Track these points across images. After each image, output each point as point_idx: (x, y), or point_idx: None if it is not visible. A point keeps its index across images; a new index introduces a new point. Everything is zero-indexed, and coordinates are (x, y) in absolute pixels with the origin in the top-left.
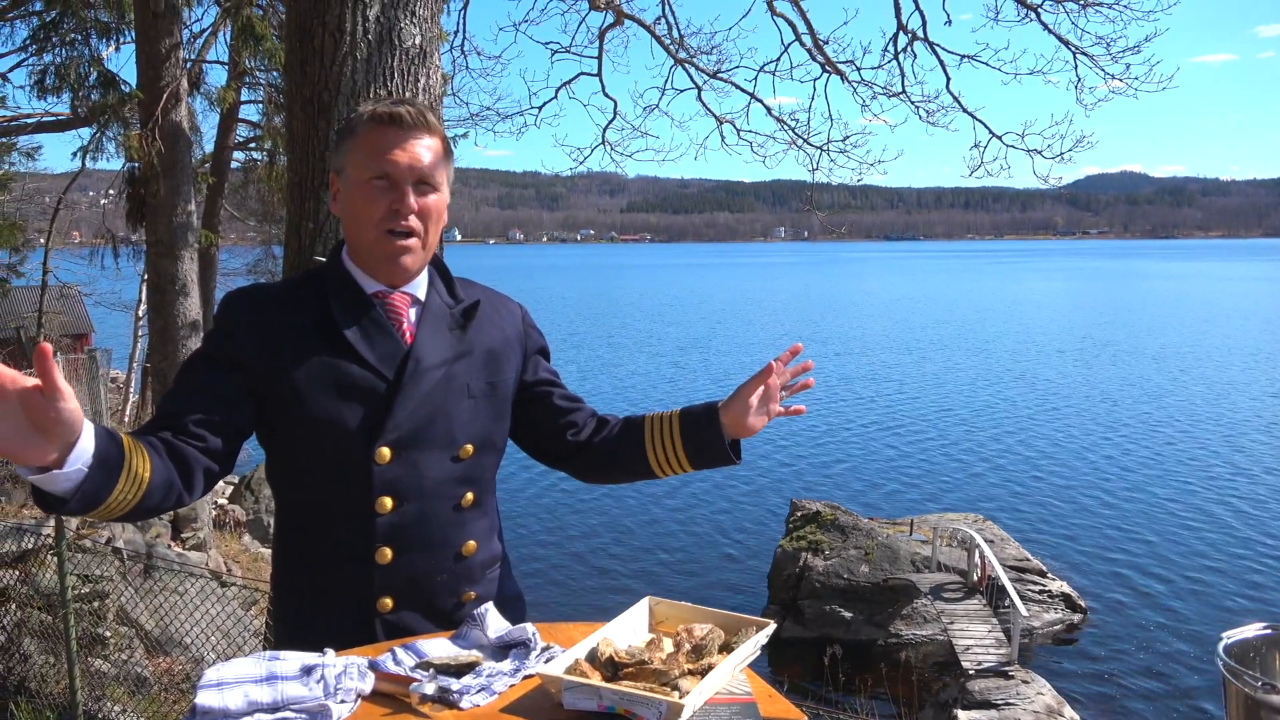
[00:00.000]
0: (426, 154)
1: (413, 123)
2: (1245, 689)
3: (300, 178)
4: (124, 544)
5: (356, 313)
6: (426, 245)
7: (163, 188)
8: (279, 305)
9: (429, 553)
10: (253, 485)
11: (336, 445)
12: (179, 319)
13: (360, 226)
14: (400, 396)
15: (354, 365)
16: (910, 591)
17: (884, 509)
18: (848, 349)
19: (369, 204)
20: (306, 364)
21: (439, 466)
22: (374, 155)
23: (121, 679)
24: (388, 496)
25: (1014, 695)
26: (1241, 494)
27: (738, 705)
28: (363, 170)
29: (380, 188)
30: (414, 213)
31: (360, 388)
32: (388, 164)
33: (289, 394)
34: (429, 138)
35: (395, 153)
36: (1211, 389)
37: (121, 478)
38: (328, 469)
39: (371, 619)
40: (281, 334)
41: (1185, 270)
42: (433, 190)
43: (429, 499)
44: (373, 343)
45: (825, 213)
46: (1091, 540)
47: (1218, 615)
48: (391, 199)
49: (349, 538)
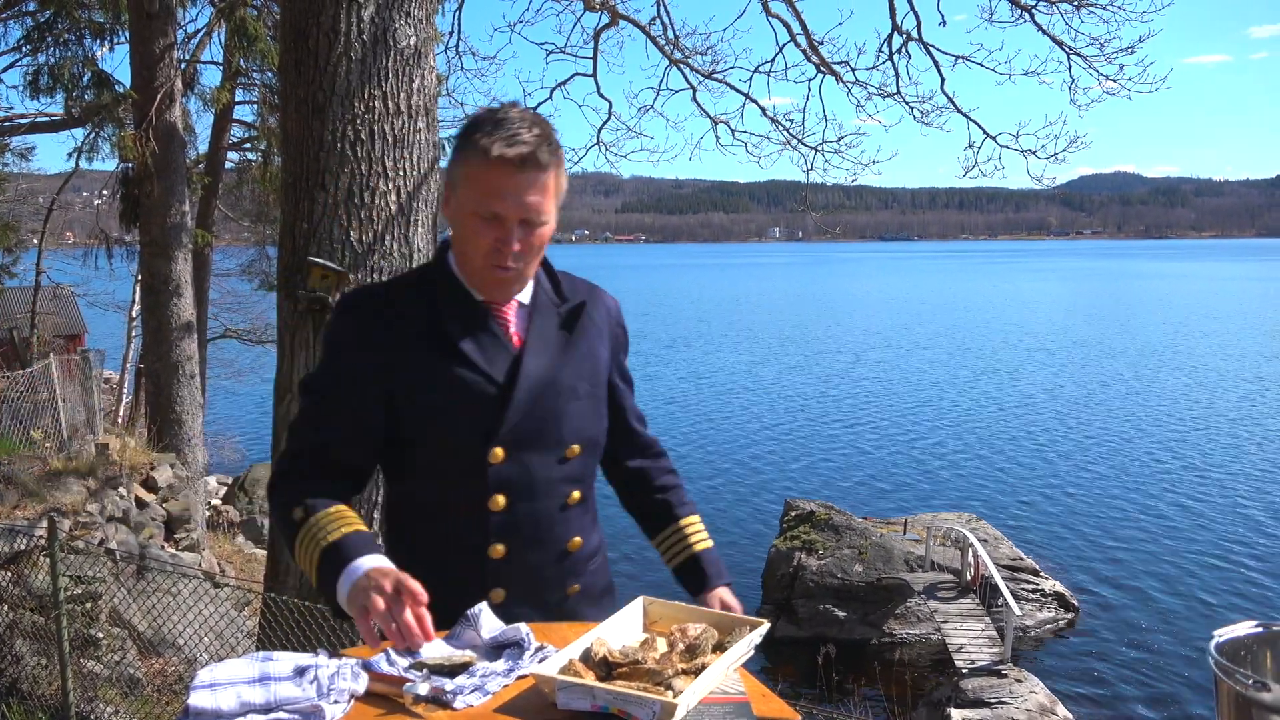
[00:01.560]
0: (538, 194)
1: (528, 163)
2: (1236, 687)
3: (295, 178)
4: (117, 545)
5: (468, 321)
6: (528, 272)
7: (157, 188)
8: (396, 312)
9: (538, 548)
10: (246, 486)
11: (453, 446)
12: (173, 319)
13: (466, 252)
14: (512, 400)
15: (468, 371)
16: (904, 591)
17: (878, 508)
18: (842, 349)
19: (475, 236)
20: (425, 370)
21: (548, 467)
22: (485, 195)
23: (114, 680)
24: (501, 494)
25: (1007, 694)
26: (1233, 493)
27: (731, 705)
28: (472, 203)
29: (488, 223)
30: (518, 253)
31: (474, 392)
32: (497, 205)
33: (408, 397)
34: (542, 175)
35: (506, 197)
36: (1204, 389)
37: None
38: (444, 468)
39: None
40: (400, 340)
41: (1178, 270)
42: (540, 226)
43: (539, 497)
44: (484, 350)
45: (820, 213)
46: (1084, 540)
47: (1210, 614)
48: (498, 235)
49: (464, 533)
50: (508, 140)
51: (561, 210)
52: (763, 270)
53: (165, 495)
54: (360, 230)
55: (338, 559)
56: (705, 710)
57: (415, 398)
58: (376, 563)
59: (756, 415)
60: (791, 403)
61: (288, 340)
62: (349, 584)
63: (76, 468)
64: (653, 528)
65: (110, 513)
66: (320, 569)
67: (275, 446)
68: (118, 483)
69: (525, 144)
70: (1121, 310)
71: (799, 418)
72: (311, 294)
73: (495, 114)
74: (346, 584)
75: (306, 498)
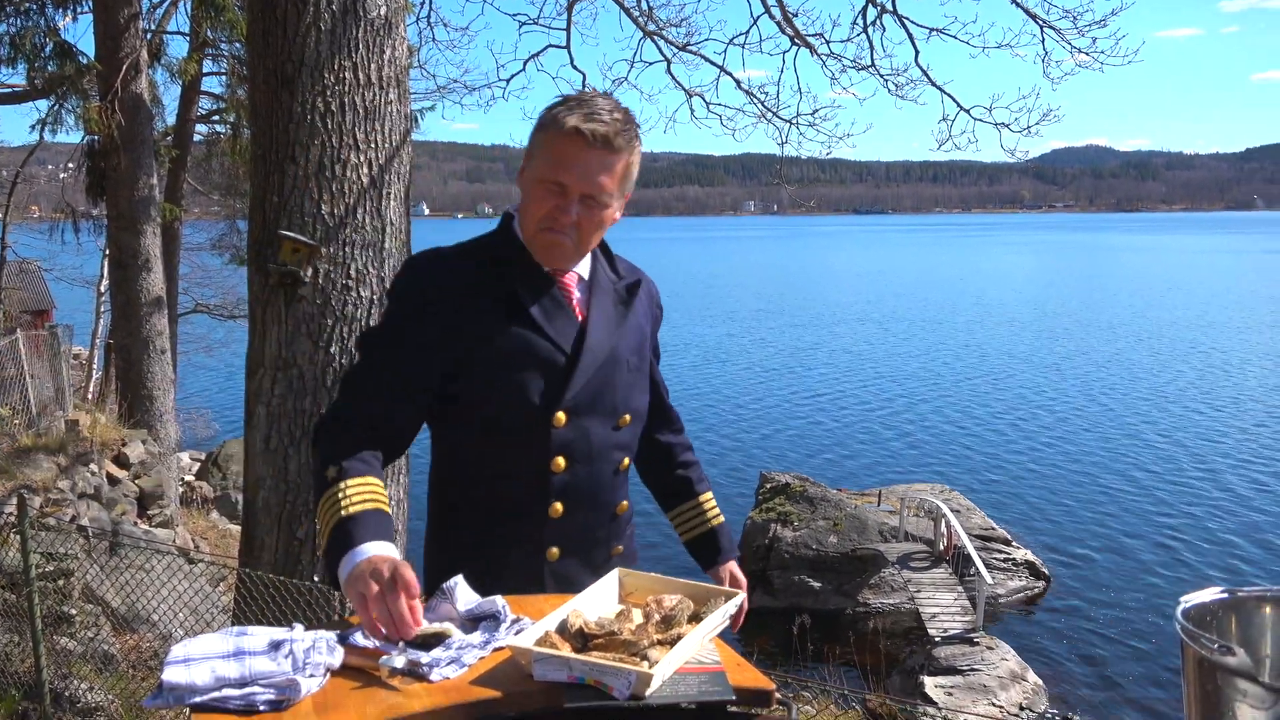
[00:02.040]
0: (603, 175)
1: (600, 142)
2: (1202, 651)
3: (264, 150)
4: (89, 522)
5: (537, 290)
6: (581, 248)
7: (123, 161)
8: (463, 274)
9: (593, 511)
10: (219, 462)
11: (520, 410)
12: (142, 294)
13: (526, 216)
14: (577, 368)
15: (537, 337)
16: (878, 561)
17: (852, 480)
18: (816, 322)
19: (537, 202)
20: (493, 333)
21: (604, 433)
22: (554, 164)
23: (88, 657)
24: (561, 457)
25: (979, 661)
26: (1203, 464)
27: (707, 674)
28: (541, 170)
29: (551, 190)
30: (572, 223)
31: (541, 359)
32: (563, 175)
33: (474, 360)
34: (612, 157)
35: (573, 168)
36: (1173, 360)
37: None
38: (507, 429)
39: (541, 567)
40: (469, 303)
41: (1148, 244)
42: (601, 207)
43: (595, 462)
44: (552, 319)
45: (794, 186)
46: (1056, 510)
47: (1178, 582)
48: (557, 203)
49: (526, 494)
50: (586, 116)
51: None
52: (738, 244)
53: (137, 471)
54: (332, 203)
55: (347, 537)
56: (681, 680)
57: (482, 360)
58: (379, 549)
59: (732, 388)
60: (767, 376)
61: (259, 314)
62: (349, 568)
63: (46, 444)
64: (671, 502)
65: (81, 489)
66: (330, 539)
67: (249, 422)
68: (89, 459)
69: (602, 123)
70: (1092, 283)
71: (774, 391)
72: (283, 268)
73: (582, 95)
74: (347, 567)
75: (344, 457)
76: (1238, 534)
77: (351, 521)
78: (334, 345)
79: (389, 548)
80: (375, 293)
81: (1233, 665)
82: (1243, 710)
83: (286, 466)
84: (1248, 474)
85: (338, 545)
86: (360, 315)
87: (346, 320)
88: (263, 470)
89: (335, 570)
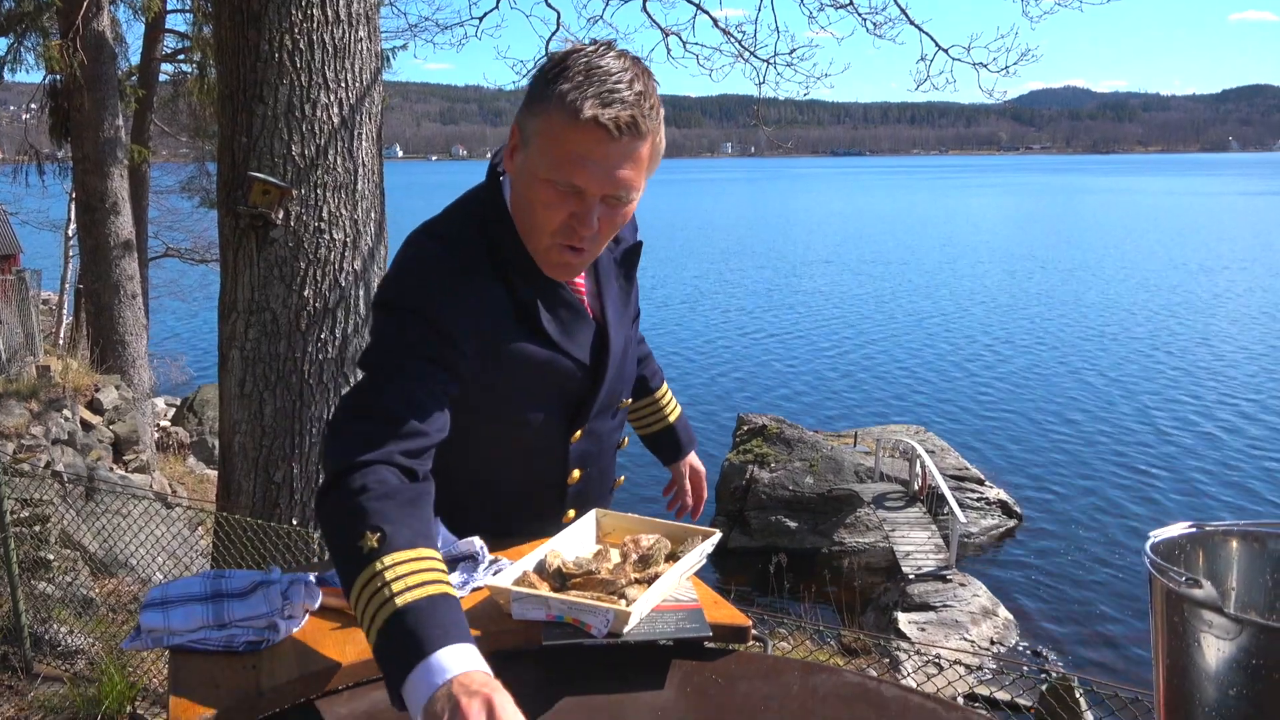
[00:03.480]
0: (631, 168)
1: (626, 131)
2: (1169, 584)
3: (232, 90)
4: (64, 467)
5: (547, 297)
6: (598, 252)
7: (87, 101)
8: (471, 277)
9: (599, 499)
10: (195, 407)
11: (537, 433)
12: (111, 238)
13: (532, 225)
14: (599, 386)
15: (557, 355)
16: (853, 501)
17: (829, 422)
18: (793, 265)
19: (547, 209)
20: (510, 354)
21: (609, 427)
22: (566, 162)
23: (67, 601)
24: (577, 469)
25: (951, 598)
26: (1174, 402)
27: (684, 612)
28: (550, 168)
29: (564, 195)
30: (593, 234)
31: (561, 378)
32: (579, 178)
33: (491, 382)
34: (640, 143)
35: (592, 169)
36: (1146, 302)
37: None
38: (524, 453)
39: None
40: (482, 316)
41: (1124, 185)
42: (625, 202)
43: (603, 457)
44: (569, 331)
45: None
46: (1029, 449)
47: (1147, 519)
48: (574, 210)
49: (539, 507)
50: (603, 99)
51: (510, 125)
52: (714, 186)
53: (111, 417)
54: (302, 144)
55: (413, 639)
56: (658, 618)
57: (493, 375)
58: (466, 663)
59: (710, 331)
60: (744, 318)
61: (230, 258)
62: (426, 691)
63: (18, 390)
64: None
65: (55, 435)
66: (386, 637)
67: (223, 366)
68: (61, 405)
69: (625, 105)
70: (1065, 226)
71: (752, 333)
72: (253, 210)
73: (587, 59)
74: (423, 689)
75: (384, 515)
76: (1206, 472)
77: (412, 615)
78: (307, 288)
79: (476, 657)
80: (348, 235)
81: (1199, 598)
82: (1208, 640)
83: (262, 410)
84: (1216, 413)
85: (399, 648)
86: (334, 258)
87: (319, 263)
88: (238, 414)
89: (397, 680)
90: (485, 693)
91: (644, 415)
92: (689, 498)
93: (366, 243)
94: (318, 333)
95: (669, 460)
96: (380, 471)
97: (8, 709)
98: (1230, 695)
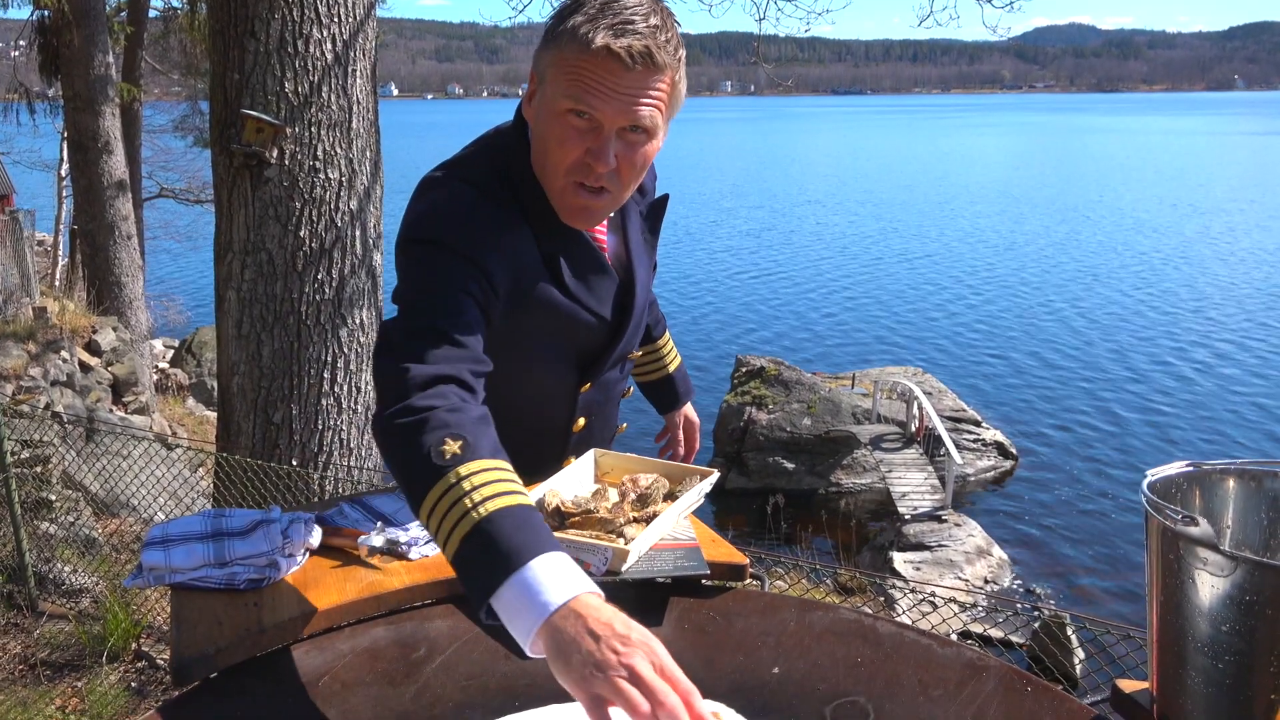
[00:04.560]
0: (648, 101)
1: (640, 61)
2: (1165, 522)
3: (223, 25)
4: (64, 409)
5: (571, 250)
6: (619, 198)
7: (77, 37)
8: (503, 225)
9: (601, 445)
10: (193, 349)
11: (548, 383)
12: (104, 178)
13: (547, 164)
14: (618, 340)
15: (579, 309)
16: (851, 442)
17: (827, 364)
18: (791, 205)
19: (561, 145)
20: (536, 304)
21: (617, 376)
22: (581, 91)
23: (70, 540)
24: (584, 417)
25: (946, 538)
26: (1171, 342)
27: (682, 550)
28: (564, 99)
29: (579, 127)
30: (610, 171)
31: (580, 329)
32: (593, 105)
33: (512, 329)
34: (655, 76)
35: (608, 97)
36: (1144, 243)
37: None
38: (531, 402)
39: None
40: (513, 262)
41: (1126, 125)
42: (646, 140)
43: (607, 405)
44: (591, 285)
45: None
46: (1026, 390)
47: (1145, 458)
48: (589, 144)
49: (544, 452)
50: (615, 28)
51: (507, 63)
52: (716, 126)
53: (109, 359)
54: (295, 81)
55: (506, 546)
56: (656, 555)
57: (516, 322)
58: (571, 580)
59: (708, 272)
60: (743, 260)
61: (225, 197)
62: (537, 614)
63: (15, 331)
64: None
65: (54, 377)
66: (472, 545)
67: (220, 307)
68: (59, 346)
69: (639, 34)
70: (1064, 166)
71: (750, 275)
72: (247, 148)
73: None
74: (532, 611)
75: (464, 426)
76: (1206, 411)
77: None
78: (303, 228)
79: (573, 568)
80: (343, 174)
81: (1195, 535)
82: (1202, 577)
83: (260, 352)
84: (1212, 351)
85: (489, 556)
86: (329, 198)
87: (314, 203)
88: (236, 355)
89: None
90: (636, 638)
91: (645, 364)
92: (680, 447)
93: (362, 182)
94: (314, 273)
95: (665, 409)
96: (452, 386)
97: (15, 646)
98: (1223, 631)
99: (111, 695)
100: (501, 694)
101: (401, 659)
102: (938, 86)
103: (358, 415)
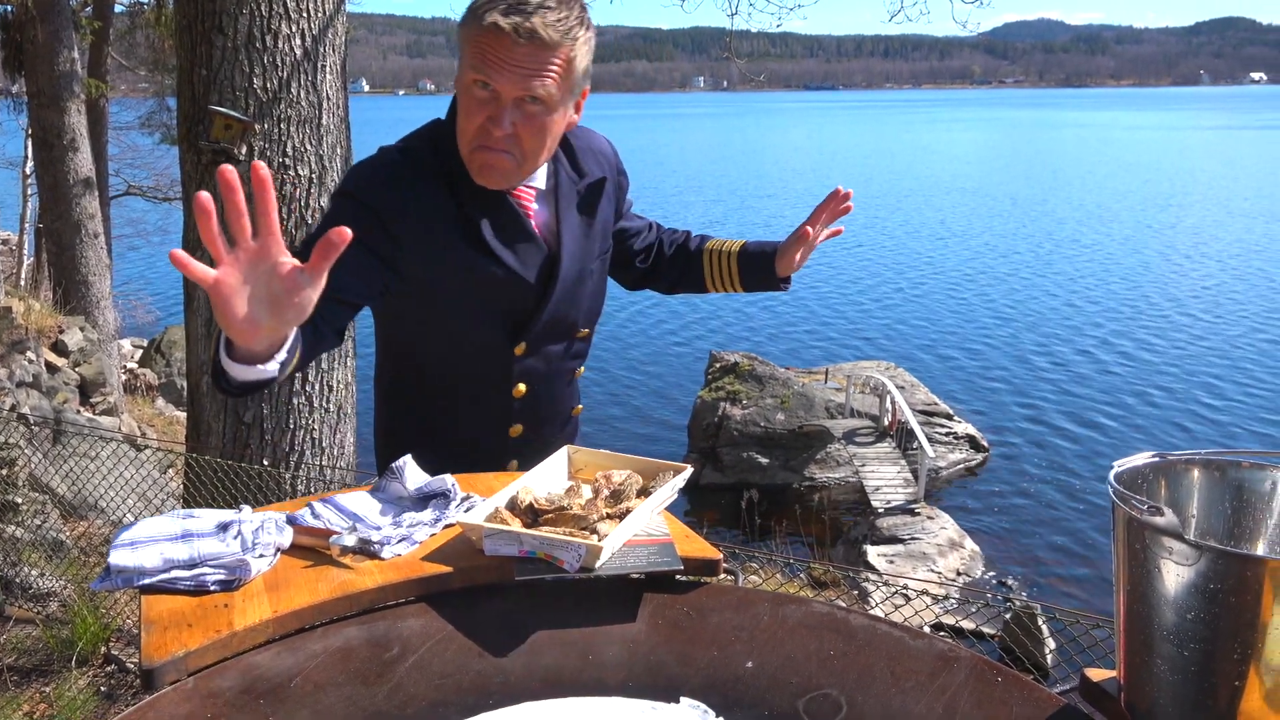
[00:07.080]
0: (537, 75)
1: (525, 36)
2: (1131, 512)
3: (189, 20)
4: (30, 410)
5: (493, 214)
6: (525, 164)
7: (40, 33)
8: (417, 188)
9: (551, 423)
10: (162, 348)
11: (480, 342)
12: (70, 176)
13: (460, 134)
14: (544, 302)
15: (498, 269)
16: (824, 437)
17: (800, 359)
18: (763, 199)
19: (467, 115)
20: (452, 261)
21: (562, 351)
22: (478, 65)
23: (37, 544)
24: (522, 383)
25: (919, 530)
26: (1138, 336)
27: (655, 546)
28: (469, 70)
29: (481, 98)
30: (508, 135)
31: (507, 294)
32: (490, 76)
33: (434, 286)
34: (546, 53)
35: (500, 69)
36: (1113, 237)
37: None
38: (468, 360)
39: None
40: (426, 219)
41: (1092, 120)
42: (543, 112)
43: (554, 379)
44: (515, 248)
45: (745, 60)
46: (997, 384)
47: (1110, 450)
48: (488, 113)
49: (484, 418)
50: (507, 9)
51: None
52: (686, 121)
53: (77, 359)
54: (264, 77)
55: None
56: (630, 552)
57: (444, 289)
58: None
59: None
60: None
61: (193, 195)
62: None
63: None
64: (694, 276)
65: (20, 378)
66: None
67: (189, 306)
68: (25, 347)
69: (525, 14)
70: (1034, 161)
71: None
72: (215, 145)
73: None
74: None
75: None
76: (1172, 403)
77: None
78: None
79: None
80: (314, 171)
81: (1160, 525)
82: (1168, 567)
83: None
84: (1179, 346)
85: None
86: (299, 195)
87: (284, 200)
88: (205, 355)
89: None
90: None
91: (717, 275)
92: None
93: (333, 179)
94: None
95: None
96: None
97: None
98: (1188, 619)
99: (80, 700)
100: (475, 692)
101: (374, 659)
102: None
103: (329, 414)
